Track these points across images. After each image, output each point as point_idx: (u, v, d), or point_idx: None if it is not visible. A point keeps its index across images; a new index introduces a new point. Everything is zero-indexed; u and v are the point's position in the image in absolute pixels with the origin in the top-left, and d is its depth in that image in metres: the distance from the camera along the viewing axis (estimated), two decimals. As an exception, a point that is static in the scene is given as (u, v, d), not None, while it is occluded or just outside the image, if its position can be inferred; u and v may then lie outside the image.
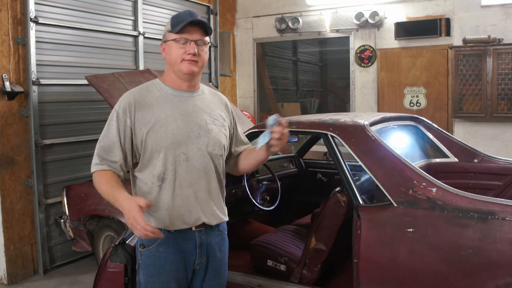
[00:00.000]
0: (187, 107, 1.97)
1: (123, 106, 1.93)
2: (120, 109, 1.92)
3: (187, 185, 1.93)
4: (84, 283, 4.08)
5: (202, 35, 1.93)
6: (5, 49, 3.95)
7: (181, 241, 1.95)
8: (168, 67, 1.99)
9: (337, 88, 7.90)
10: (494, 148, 5.33)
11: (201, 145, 1.95)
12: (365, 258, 2.36)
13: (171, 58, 1.94)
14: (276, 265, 2.99)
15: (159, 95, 1.96)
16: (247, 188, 3.33)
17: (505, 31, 5.41)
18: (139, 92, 1.97)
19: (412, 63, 6.13)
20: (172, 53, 1.93)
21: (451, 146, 3.37)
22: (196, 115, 1.97)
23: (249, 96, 7.46)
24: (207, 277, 2.04)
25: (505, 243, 2.07)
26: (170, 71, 1.99)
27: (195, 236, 1.97)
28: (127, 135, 1.91)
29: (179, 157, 1.91)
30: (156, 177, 1.91)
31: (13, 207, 4.07)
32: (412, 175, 2.37)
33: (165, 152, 1.90)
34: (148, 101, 1.94)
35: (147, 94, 1.96)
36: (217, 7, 6.30)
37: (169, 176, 1.91)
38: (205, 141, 1.96)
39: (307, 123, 2.89)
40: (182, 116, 1.94)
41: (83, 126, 4.49)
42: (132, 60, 5.03)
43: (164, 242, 1.94)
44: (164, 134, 1.90)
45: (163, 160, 1.90)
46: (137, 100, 1.93)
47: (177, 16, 1.95)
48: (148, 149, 1.90)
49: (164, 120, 1.91)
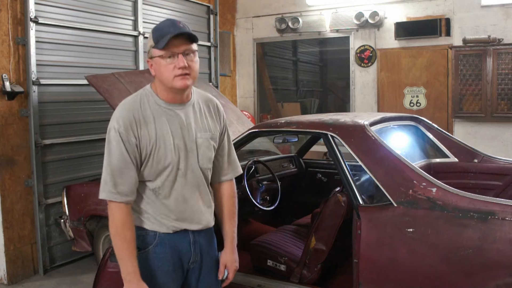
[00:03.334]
0: (181, 121, 1.93)
1: (124, 124, 1.83)
2: (121, 128, 1.82)
3: (183, 200, 1.93)
4: (84, 283, 4.08)
5: (188, 44, 1.84)
6: (5, 49, 3.95)
7: (176, 240, 1.95)
8: (157, 83, 1.91)
9: (337, 88, 7.90)
10: (494, 148, 5.33)
11: (194, 160, 1.95)
12: (365, 258, 2.36)
13: (162, 76, 1.86)
14: (276, 265, 2.99)
15: (154, 110, 1.89)
16: (247, 188, 3.33)
17: (505, 31, 5.41)
18: (135, 107, 1.88)
19: (412, 63, 6.13)
20: (162, 72, 1.84)
21: (451, 146, 3.37)
22: (189, 129, 1.94)
23: (249, 96, 7.46)
24: (202, 274, 2.04)
25: (505, 243, 2.07)
26: (161, 86, 1.90)
27: (189, 235, 1.97)
28: (136, 154, 1.85)
29: (177, 173, 1.91)
30: (151, 190, 1.91)
31: (13, 207, 4.07)
32: (412, 175, 2.37)
33: (166, 169, 1.88)
34: (146, 116, 1.87)
35: (144, 109, 1.88)
36: (217, 7, 6.30)
37: (164, 191, 1.90)
38: (197, 156, 1.96)
39: (307, 123, 2.89)
40: (177, 131, 1.91)
41: (83, 126, 4.49)
42: (132, 60, 5.03)
43: (161, 242, 1.92)
44: (164, 151, 1.87)
45: (163, 176, 1.89)
46: (136, 116, 1.85)
47: (158, 28, 1.85)
48: (149, 166, 1.87)
49: (162, 136, 1.87)
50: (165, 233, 1.93)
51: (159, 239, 1.92)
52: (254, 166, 3.66)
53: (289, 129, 2.94)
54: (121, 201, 1.83)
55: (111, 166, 1.83)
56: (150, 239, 1.92)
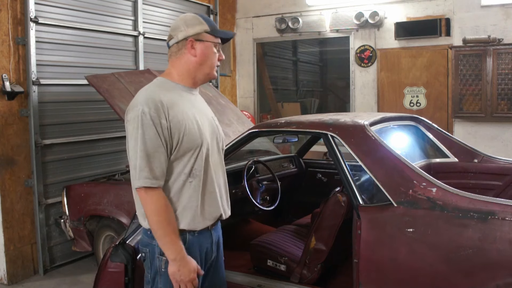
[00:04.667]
0: (199, 104, 2.00)
1: (155, 107, 1.80)
2: (151, 110, 1.79)
3: (212, 181, 1.94)
4: (84, 283, 4.08)
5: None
6: (5, 49, 3.95)
7: (202, 241, 1.94)
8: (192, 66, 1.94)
9: (337, 88, 7.89)
10: (494, 148, 5.33)
11: (217, 141, 2.00)
12: (365, 258, 2.36)
13: (207, 60, 1.93)
14: (276, 265, 2.99)
15: (175, 93, 1.92)
16: (247, 188, 3.33)
17: (505, 31, 5.41)
18: (159, 91, 1.88)
19: (412, 63, 6.13)
20: (209, 56, 1.94)
21: (451, 146, 3.37)
22: (207, 111, 2.02)
23: (249, 96, 7.46)
24: (214, 271, 2.06)
25: (505, 243, 2.07)
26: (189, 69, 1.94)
27: (211, 234, 1.98)
28: (167, 137, 1.82)
29: (206, 154, 1.91)
30: (187, 174, 1.88)
31: (13, 207, 4.07)
32: (412, 175, 2.37)
33: (198, 150, 1.88)
34: (172, 98, 1.87)
35: (168, 91, 1.90)
36: (217, 7, 6.30)
37: (200, 173, 1.89)
38: (218, 137, 2.02)
39: (307, 123, 2.88)
40: (199, 113, 1.96)
41: (83, 126, 4.49)
42: (132, 60, 5.03)
43: (191, 246, 1.90)
44: (195, 132, 1.88)
45: (196, 158, 1.88)
46: (163, 98, 1.84)
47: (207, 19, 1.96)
48: (183, 148, 1.86)
49: (190, 118, 1.89)
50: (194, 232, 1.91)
51: (188, 243, 1.89)
52: (254, 166, 3.66)
53: (289, 129, 2.94)
54: (158, 185, 1.80)
55: (145, 151, 1.78)
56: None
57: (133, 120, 1.82)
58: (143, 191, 1.80)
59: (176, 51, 1.95)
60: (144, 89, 1.91)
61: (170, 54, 1.98)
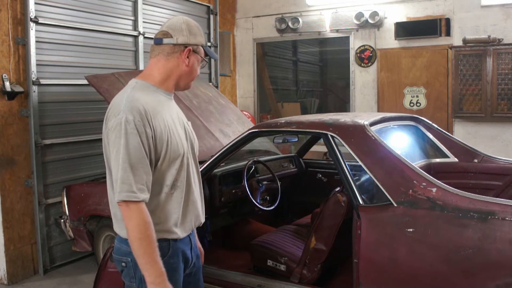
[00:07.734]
0: (175, 110, 1.95)
1: (139, 115, 1.71)
2: (136, 119, 1.70)
3: (193, 190, 1.92)
4: (84, 283, 4.08)
5: None
6: (5, 49, 3.95)
7: (183, 247, 1.92)
8: (180, 73, 1.89)
9: (337, 88, 7.89)
10: (494, 148, 5.33)
11: (192, 147, 1.97)
12: (365, 258, 2.36)
13: (192, 72, 1.92)
14: (276, 265, 2.99)
15: (157, 99, 1.84)
16: (247, 188, 3.33)
17: (505, 31, 5.41)
18: (142, 95, 1.79)
19: (412, 63, 6.13)
20: (195, 70, 1.93)
21: (451, 146, 3.37)
22: (182, 118, 1.97)
23: (249, 96, 7.46)
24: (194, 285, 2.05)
25: (505, 243, 2.07)
26: (174, 75, 1.89)
27: (190, 240, 1.96)
28: (151, 147, 1.74)
29: (187, 164, 1.88)
30: (169, 186, 1.82)
31: (13, 207, 4.07)
32: (412, 175, 2.37)
33: (180, 161, 1.83)
34: (154, 106, 1.79)
35: (149, 97, 1.81)
36: (217, 7, 6.30)
37: (182, 183, 1.86)
38: (193, 143, 1.99)
39: (307, 123, 2.89)
40: (178, 120, 1.92)
41: (83, 126, 4.49)
42: (132, 60, 5.03)
43: (174, 253, 1.87)
44: (176, 143, 1.82)
45: (177, 169, 1.83)
46: (146, 106, 1.75)
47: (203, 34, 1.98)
48: (167, 160, 1.80)
49: (171, 127, 1.83)
50: (175, 239, 1.86)
51: (172, 249, 1.86)
52: (254, 166, 3.66)
53: (289, 129, 2.94)
54: (142, 199, 1.70)
55: (128, 162, 1.68)
56: (164, 250, 1.81)
57: (114, 129, 1.71)
58: (125, 205, 1.69)
59: (169, 52, 1.86)
60: (126, 94, 1.79)
61: (159, 52, 1.87)
